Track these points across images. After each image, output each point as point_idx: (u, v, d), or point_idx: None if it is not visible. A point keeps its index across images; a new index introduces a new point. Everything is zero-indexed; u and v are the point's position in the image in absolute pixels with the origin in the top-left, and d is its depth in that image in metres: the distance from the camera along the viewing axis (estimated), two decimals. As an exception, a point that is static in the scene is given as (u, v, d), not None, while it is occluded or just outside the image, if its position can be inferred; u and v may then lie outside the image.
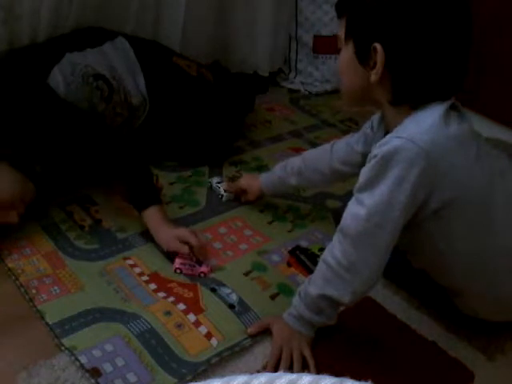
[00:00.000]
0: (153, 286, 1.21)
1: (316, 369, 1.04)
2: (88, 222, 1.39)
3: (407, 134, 0.93)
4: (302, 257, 1.32)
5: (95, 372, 1.00)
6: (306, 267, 1.29)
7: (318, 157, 1.37)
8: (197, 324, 1.12)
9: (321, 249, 1.32)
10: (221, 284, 1.23)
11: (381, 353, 1.10)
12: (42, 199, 1.36)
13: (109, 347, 1.05)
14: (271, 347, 1.08)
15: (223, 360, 1.06)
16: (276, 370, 1.03)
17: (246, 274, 1.27)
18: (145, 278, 1.23)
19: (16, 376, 0.98)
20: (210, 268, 1.27)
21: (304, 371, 1.01)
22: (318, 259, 1.05)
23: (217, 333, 1.11)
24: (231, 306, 1.17)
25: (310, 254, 1.33)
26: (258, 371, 1.03)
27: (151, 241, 1.32)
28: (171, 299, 1.17)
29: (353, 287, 0.98)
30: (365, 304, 1.15)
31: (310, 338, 1.08)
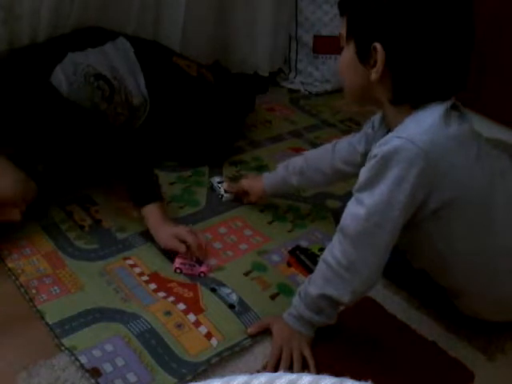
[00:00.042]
0: (153, 286, 1.21)
1: (316, 369, 1.04)
2: (88, 222, 1.39)
3: (407, 134, 0.93)
4: (302, 257, 1.32)
5: (95, 372, 1.00)
6: (306, 267, 1.29)
7: (320, 157, 1.37)
8: (197, 324, 1.12)
9: (321, 249, 1.32)
10: (221, 284, 1.23)
11: (381, 353, 1.10)
12: (43, 199, 1.36)
13: (109, 347, 1.05)
14: (271, 347, 1.08)
15: (223, 360, 1.06)
16: (276, 370, 1.03)
17: (246, 274, 1.27)
18: (145, 278, 1.23)
19: (16, 376, 0.98)
20: (210, 268, 1.27)
21: (304, 371, 1.01)
22: (318, 259, 1.05)
23: (217, 333, 1.11)
24: (231, 306, 1.17)
25: (310, 254, 1.33)
26: (258, 371, 1.03)
27: (151, 241, 1.32)
28: (171, 299, 1.17)
29: (352, 287, 0.98)
30: (365, 304, 1.16)
31: (310, 338, 1.08)
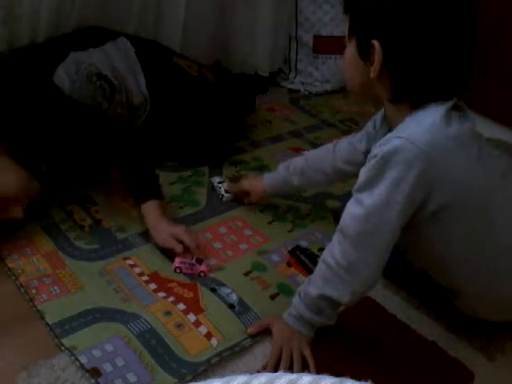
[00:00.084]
0: (153, 286, 1.21)
1: (316, 369, 1.04)
2: (88, 222, 1.39)
3: (407, 134, 0.92)
4: (302, 257, 1.32)
5: (95, 372, 1.00)
6: (306, 267, 1.29)
7: (321, 157, 1.36)
8: (197, 324, 1.12)
9: (321, 249, 1.31)
10: (221, 284, 1.23)
11: (381, 353, 1.10)
12: (44, 199, 1.36)
13: (109, 347, 1.05)
14: (271, 347, 1.08)
15: (223, 360, 1.06)
16: (276, 370, 1.03)
17: (246, 274, 1.27)
18: (145, 278, 1.23)
19: (16, 376, 0.98)
20: (210, 267, 1.27)
21: (304, 371, 1.01)
22: (318, 259, 1.05)
23: (217, 333, 1.11)
24: (231, 306, 1.17)
25: (310, 254, 1.33)
26: (258, 371, 1.03)
27: (151, 241, 1.32)
28: (171, 299, 1.17)
29: (352, 287, 0.98)
30: (365, 304, 1.15)
31: (310, 338, 1.08)
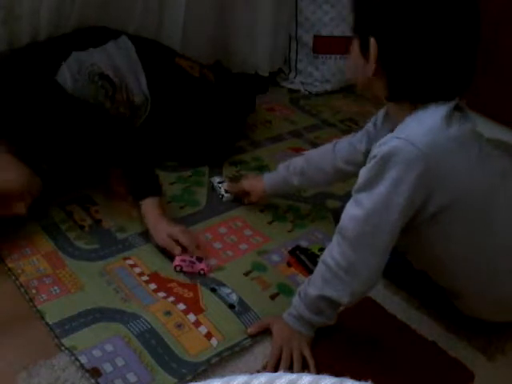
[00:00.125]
0: (153, 286, 1.21)
1: (316, 369, 1.04)
2: (88, 222, 1.39)
3: (407, 135, 0.92)
4: (302, 257, 1.32)
5: (95, 372, 1.00)
6: (306, 267, 1.29)
7: (321, 156, 1.36)
8: (197, 324, 1.12)
9: (321, 249, 1.31)
10: (221, 284, 1.23)
11: (381, 353, 1.10)
12: (44, 199, 1.35)
13: (109, 347, 1.05)
14: (271, 347, 1.08)
15: (223, 360, 1.06)
16: (276, 370, 1.03)
17: (246, 274, 1.27)
18: (145, 278, 1.23)
19: (16, 376, 0.98)
20: (210, 267, 1.27)
21: (304, 371, 1.01)
22: (318, 259, 1.05)
23: (217, 333, 1.11)
24: (231, 306, 1.17)
25: (310, 254, 1.33)
26: (258, 371, 1.03)
27: (151, 241, 1.32)
28: (171, 299, 1.17)
29: (352, 288, 0.98)
30: (365, 304, 1.15)
31: (310, 338, 1.08)
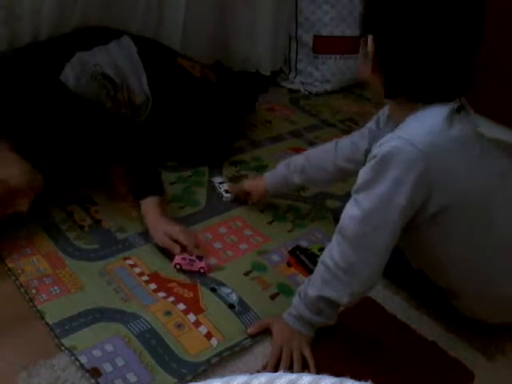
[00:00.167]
0: (153, 286, 1.21)
1: (316, 369, 1.04)
2: (88, 222, 1.39)
3: (407, 135, 0.92)
4: (302, 257, 1.32)
5: (95, 372, 1.00)
6: (306, 267, 1.29)
7: (322, 155, 1.36)
8: (197, 324, 1.12)
9: (321, 249, 1.31)
10: (221, 284, 1.23)
11: (381, 353, 1.10)
12: (44, 199, 1.35)
13: (109, 347, 1.05)
14: (271, 347, 1.08)
15: (223, 360, 1.06)
16: (276, 370, 1.03)
17: (246, 274, 1.27)
18: (145, 278, 1.23)
19: (16, 376, 0.98)
20: (210, 267, 1.26)
21: (304, 371, 1.01)
22: (318, 259, 1.05)
23: (217, 333, 1.11)
24: (231, 306, 1.17)
25: (310, 254, 1.33)
26: (258, 371, 1.03)
27: (150, 240, 1.32)
28: (171, 299, 1.17)
29: (351, 289, 0.98)
30: (365, 304, 1.15)
31: (310, 338, 1.08)
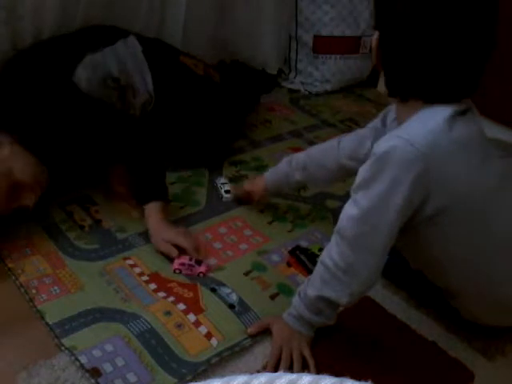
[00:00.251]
0: (153, 286, 1.21)
1: (316, 369, 1.04)
2: (88, 222, 1.39)
3: (407, 135, 0.92)
4: (302, 257, 1.32)
5: (95, 372, 1.00)
6: (306, 267, 1.29)
7: (325, 153, 1.34)
8: (197, 324, 1.12)
9: (321, 249, 1.30)
10: (221, 284, 1.23)
11: (381, 353, 1.10)
12: (44, 199, 1.35)
13: (109, 347, 1.05)
14: (271, 347, 1.08)
15: (223, 360, 1.06)
16: (276, 370, 1.03)
17: (246, 274, 1.27)
18: (145, 278, 1.23)
19: (16, 376, 0.98)
20: (209, 268, 1.26)
21: (304, 371, 1.01)
22: (318, 259, 1.05)
23: (217, 333, 1.11)
24: (231, 306, 1.17)
25: (310, 254, 1.33)
26: (258, 371, 1.03)
27: (151, 242, 1.32)
28: (171, 299, 1.17)
29: (350, 289, 0.98)
30: (364, 304, 1.16)
31: (310, 338, 1.08)
